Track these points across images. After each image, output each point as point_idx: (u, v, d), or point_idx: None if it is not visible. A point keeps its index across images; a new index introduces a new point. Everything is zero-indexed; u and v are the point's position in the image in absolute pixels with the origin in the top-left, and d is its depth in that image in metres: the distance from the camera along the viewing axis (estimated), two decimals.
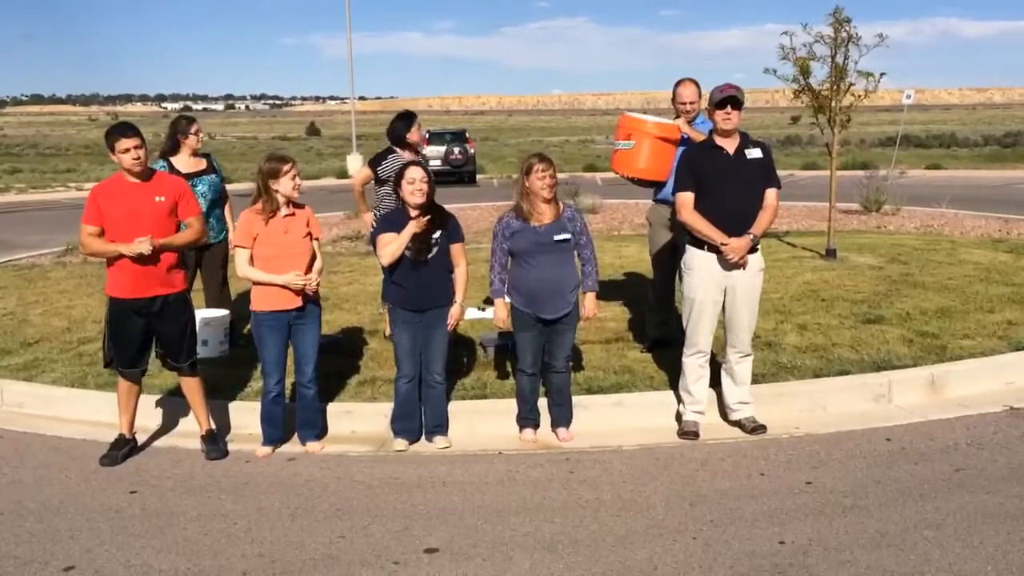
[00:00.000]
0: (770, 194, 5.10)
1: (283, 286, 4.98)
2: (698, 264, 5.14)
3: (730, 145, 5.07)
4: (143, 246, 4.80)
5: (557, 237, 5.03)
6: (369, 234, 6.46)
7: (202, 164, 6.68)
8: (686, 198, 5.11)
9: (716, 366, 5.44)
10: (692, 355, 5.24)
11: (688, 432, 5.21)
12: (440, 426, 5.29)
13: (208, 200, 6.49)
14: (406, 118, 6.66)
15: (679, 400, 5.36)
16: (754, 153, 5.09)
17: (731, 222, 4.99)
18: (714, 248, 5.04)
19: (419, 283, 5.08)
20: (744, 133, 5.14)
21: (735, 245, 4.98)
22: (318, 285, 5.14)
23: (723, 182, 5.01)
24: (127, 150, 4.85)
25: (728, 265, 5.05)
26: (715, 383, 5.43)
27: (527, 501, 4.42)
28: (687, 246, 5.24)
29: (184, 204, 5.07)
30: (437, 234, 5.11)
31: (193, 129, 6.59)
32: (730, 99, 4.93)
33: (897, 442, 5.01)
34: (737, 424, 5.31)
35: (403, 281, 5.09)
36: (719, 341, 5.36)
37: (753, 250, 5.08)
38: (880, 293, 7.75)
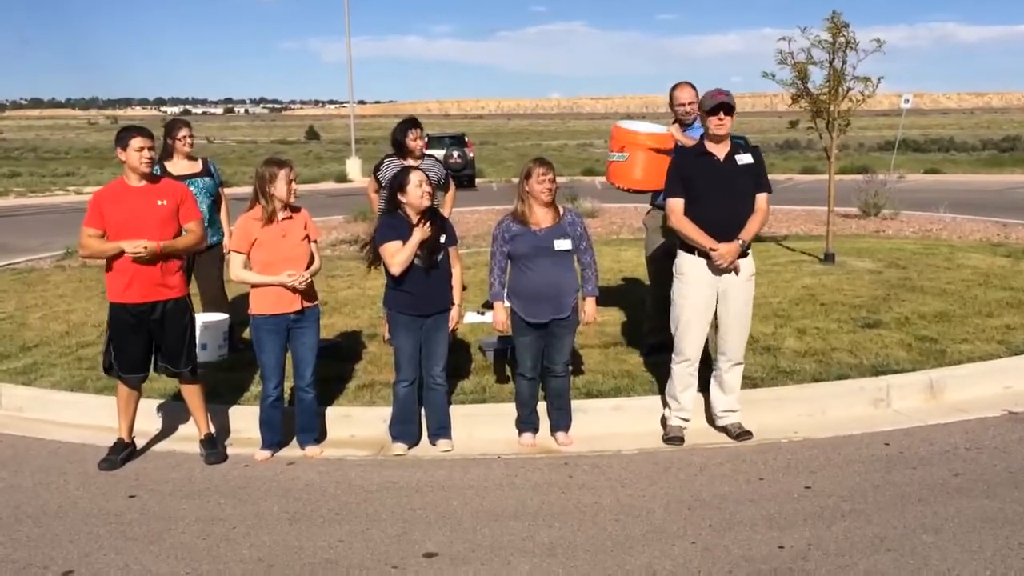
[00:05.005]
0: (761, 199, 5.08)
1: (278, 284, 4.98)
2: (688, 269, 5.12)
3: (720, 151, 5.05)
4: (145, 243, 4.81)
5: (557, 244, 5.03)
6: (367, 243, 6.42)
7: (197, 167, 6.69)
8: (676, 204, 5.10)
9: (708, 372, 5.43)
10: (681, 363, 5.20)
11: (673, 437, 5.20)
12: (443, 428, 5.29)
13: (199, 203, 6.49)
14: (405, 124, 6.64)
15: (664, 405, 5.35)
16: (745, 159, 5.06)
17: (720, 228, 4.98)
18: (704, 253, 5.03)
19: (426, 289, 5.07)
20: (736, 138, 5.14)
21: (724, 251, 4.96)
22: (310, 283, 5.12)
23: (712, 189, 5.00)
24: (141, 148, 4.91)
25: (719, 270, 5.04)
26: (704, 388, 5.41)
27: (526, 505, 4.42)
28: (679, 251, 5.23)
29: (185, 208, 5.08)
30: (443, 238, 5.11)
31: (180, 134, 6.60)
32: (722, 105, 4.93)
33: (896, 446, 5.01)
34: (723, 430, 5.28)
35: (411, 288, 5.07)
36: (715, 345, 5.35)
37: (744, 255, 5.08)
38: (879, 297, 7.75)
